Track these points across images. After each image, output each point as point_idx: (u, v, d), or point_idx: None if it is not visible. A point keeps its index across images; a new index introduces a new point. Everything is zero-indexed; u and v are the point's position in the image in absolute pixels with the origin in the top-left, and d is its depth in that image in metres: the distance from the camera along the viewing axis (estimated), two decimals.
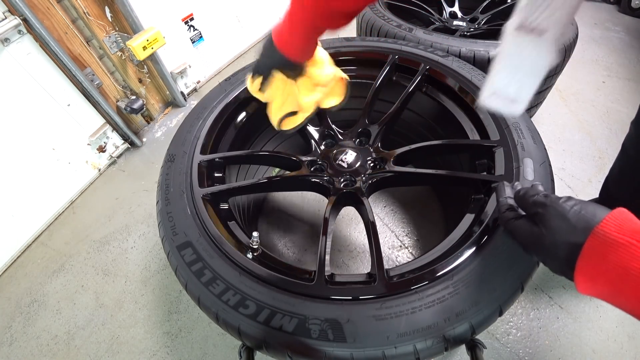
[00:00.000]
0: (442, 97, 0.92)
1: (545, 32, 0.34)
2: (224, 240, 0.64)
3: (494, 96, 0.42)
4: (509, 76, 0.39)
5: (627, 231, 0.34)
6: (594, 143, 1.43)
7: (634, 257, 0.33)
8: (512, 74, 0.39)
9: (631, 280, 0.33)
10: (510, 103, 0.41)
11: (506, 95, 0.40)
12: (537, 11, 0.34)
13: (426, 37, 1.12)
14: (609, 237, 0.35)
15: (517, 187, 0.51)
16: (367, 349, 0.49)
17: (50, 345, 1.05)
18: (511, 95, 0.40)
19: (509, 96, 0.40)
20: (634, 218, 0.36)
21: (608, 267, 0.34)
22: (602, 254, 0.35)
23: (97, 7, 1.30)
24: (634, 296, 0.33)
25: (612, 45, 1.91)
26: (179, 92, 1.75)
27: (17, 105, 1.17)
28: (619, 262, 0.34)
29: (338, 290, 0.56)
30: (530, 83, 0.39)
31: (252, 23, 2.06)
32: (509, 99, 0.41)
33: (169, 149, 0.82)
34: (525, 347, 0.93)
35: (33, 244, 1.32)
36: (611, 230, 0.35)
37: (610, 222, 0.36)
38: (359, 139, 0.88)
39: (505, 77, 0.40)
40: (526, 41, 0.36)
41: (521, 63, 0.37)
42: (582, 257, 0.36)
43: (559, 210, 0.40)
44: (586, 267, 0.36)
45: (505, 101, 0.41)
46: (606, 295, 0.36)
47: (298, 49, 0.64)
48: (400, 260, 1.11)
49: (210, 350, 0.99)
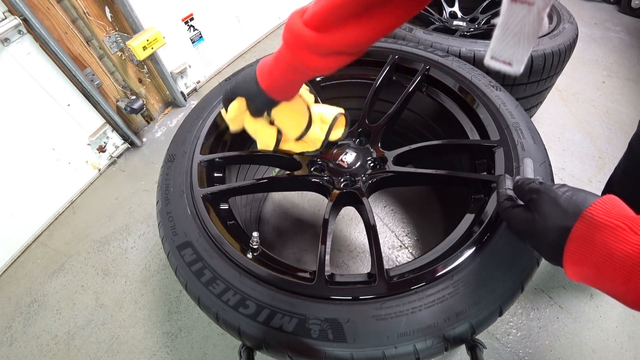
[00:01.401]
0: (442, 97, 0.92)
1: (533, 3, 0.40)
2: (224, 240, 0.64)
3: (494, 59, 0.47)
4: (505, 41, 0.44)
5: (615, 214, 0.35)
6: (594, 143, 1.43)
7: (619, 239, 0.34)
8: (508, 40, 0.44)
9: (615, 262, 0.34)
10: (508, 64, 0.46)
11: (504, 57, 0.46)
12: None
13: (426, 37, 1.12)
14: (596, 220, 0.35)
15: (517, 179, 0.52)
16: (367, 349, 0.49)
17: (50, 345, 1.05)
18: (507, 58, 0.46)
19: (507, 58, 0.46)
20: (622, 203, 0.37)
21: (594, 249, 0.35)
22: (589, 236, 0.36)
23: (97, 7, 1.30)
24: (616, 278, 0.34)
25: (612, 45, 1.91)
26: (179, 92, 1.75)
27: (17, 105, 1.17)
28: (605, 244, 0.34)
29: (338, 290, 0.56)
30: (523, 47, 0.44)
31: (252, 23, 2.06)
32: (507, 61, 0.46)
33: (169, 149, 0.82)
34: (525, 347, 0.93)
35: (33, 244, 1.32)
36: (599, 213, 0.36)
37: (599, 206, 0.36)
38: (359, 138, 0.88)
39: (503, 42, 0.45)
40: (519, 11, 0.41)
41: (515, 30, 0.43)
42: (570, 240, 0.37)
43: (551, 196, 0.41)
44: (574, 250, 0.37)
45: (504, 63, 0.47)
46: (591, 279, 0.37)
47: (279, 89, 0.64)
48: (400, 260, 1.11)
49: (210, 350, 0.99)
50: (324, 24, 0.51)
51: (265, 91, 0.63)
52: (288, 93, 0.67)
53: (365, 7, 0.49)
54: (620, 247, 0.33)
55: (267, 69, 0.62)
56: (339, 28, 0.51)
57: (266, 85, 0.63)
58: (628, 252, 0.33)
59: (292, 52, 0.56)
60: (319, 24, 0.51)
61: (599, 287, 0.37)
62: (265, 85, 0.63)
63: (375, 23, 0.51)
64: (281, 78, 0.61)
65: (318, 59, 0.54)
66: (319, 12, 0.51)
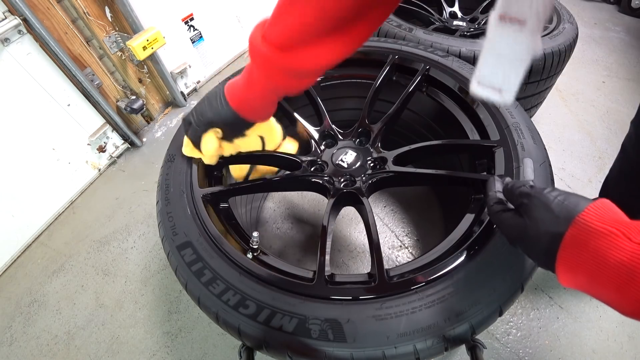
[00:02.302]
0: (442, 97, 0.92)
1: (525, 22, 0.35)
2: (224, 240, 0.64)
3: (480, 85, 0.43)
4: (494, 66, 0.40)
5: (608, 220, 0.34)
6: (594, 143, 1.43)
7: (613, 245, 0.33)
8: (496, 64, 0.40)
9: (608, 269, 0.33)
10: (497, 92, 0.42)
11: (492, 84, 0.41)
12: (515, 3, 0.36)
13: (426, 37, 1.12)
14: (589, 226, 0.34)
15: (507, 181, 0.51)
16: (367, 349, 0.49)
17: (50, 345, 1.05)
18: (497, 85, 0.41)
19: (495, 85, 0.41)
20: (615, 208, 0.36)
21: (587, 256, 0.34)
22: (582, 243, 0.35)
23: (97, 7, 1.30)
24: (610, 285, 0.33)
25: (612, 45, 1.91)
26: (179, 92, 1.75)
27: (17, 105, 1.17)
28: (598, 251, 0.33)
29: (338, 290, 0.56)
30: (515, 72, 0.39)
31: (252, 23, 2.05)
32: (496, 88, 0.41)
33: (169, 149, 0.82)
34: (525, 347, 0.93)
35: (33, 244, 1.32)
36: (592, 219, 0.35)
37: (591, 211, 0.35)
38: (359, 139, 0.88)
39: (491, 66, 0.41)
40: (508, 31, 0.37)
41: (505, 52, 0.38)
42: (563, 247, 0.36)
43: (542, 201, 0.40)
44: (567, 256, 0.36)
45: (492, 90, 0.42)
46: (585, 286, 0.36)
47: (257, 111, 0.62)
48: (400, 260, 1.11)
49: (210, 350, 0.99)
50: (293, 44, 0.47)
51: (240, 115, 0.61)
52: (265, 114, 0.65)
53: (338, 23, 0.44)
54: (614, 254, 0.32)
55: (240, 92, 0.59)
56: (310, 48, 0.47)
57: (242, 109, 0.61)
58: (622, 259, 0.32)
59: (265, 76, 0.52)
60: (285, 44, 0.47)
61: (592, 294, 0.36)
62: (241, 110, 0.61)
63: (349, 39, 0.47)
64: (257, 100, 0.59)
65: (295, 81, 0.51)
66: (285, 31, 0.46)
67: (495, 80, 0.41)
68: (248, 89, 0.57)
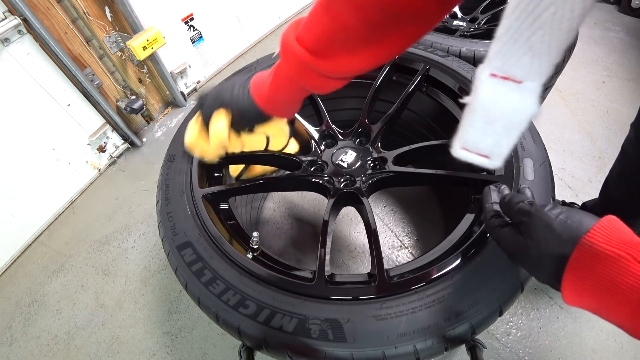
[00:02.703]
0: (442, 97, 0.92)
1: (523, 82, 0.28)
2: (224, 240, 0.64)
3: (464, 150, 0.36)
4: (482, 130, 0.33)
5: (616, 242, 0.32)
6: (594, 143, 1.43)
7: (623, 270, 0.31)
8: (485, 128, 0.32)
9: (619, 294, 0.31)
10: (483, 158, 0.35)
11: (479, 150, 0.34)
12: (512, 58, 0.28)
13: (426, 37, 1.12)
14: (596, 249, 0.33)
15: (503, 190, 0.49)
16: (367, 349, 0.49)
17: (50, 345, 1.05)
18: (484, 151, 0.34)
19: (482, 151, 0.34)
20: (623, 227, 0.34)
21: (595, 281, 0.32)
22: (589, 266, 0.33)
23: (97, 7, 1.30)
24: (621, 311, 0.32)
25: (612, 45, 1.91)
26: (179, 92, 1.75)
27: (17, 105, 1.17)
28: (607, 276, 0.32)
29: (338, 290, 0.56)
30: (507, 138, 0.33)
31: (252, 23, 2.06)
32: (482, 153, 0.35)
33: (169, 149, 0.82)
34: (525, 347, 0.93)
35: (33, 244, 1.32)
36: (599, 241, 0.33)
37: (597, 232, 0.33)
38: (359, 138, 0.88)
39: (478, 130, 0.33)
40: (502, 91, 0.29)
41: (496, 115, 0.31)
42: (569, 270, 0.34)
43: (544, 220, 0.37)
44: (573, 280, 0.34)
45: (478, 156, 0.35)
46: (594, 309, 0.35)
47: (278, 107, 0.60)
48: (400, 260, 1.11)
49: (210, 350, 0.99)
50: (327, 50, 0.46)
51: (260, 106, 0.60)
52: (287, 111, 0.64)
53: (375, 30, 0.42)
54: (625, 280, 0.30)
55: (265, 84, 0.58)
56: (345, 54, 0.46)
57: (263, 101, 0.60)
58: (633, 285, 0.30)
59: (296, 75, 0.51)
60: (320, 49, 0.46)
61: (602, 317, 0.35)
62: (261, 101, 0.60)
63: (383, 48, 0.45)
64: (282, 95, 0.58)
65: (326, 81, 0.50)
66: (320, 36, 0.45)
67: (483, 146, 0.34)
68: (276, 84, 0.57)
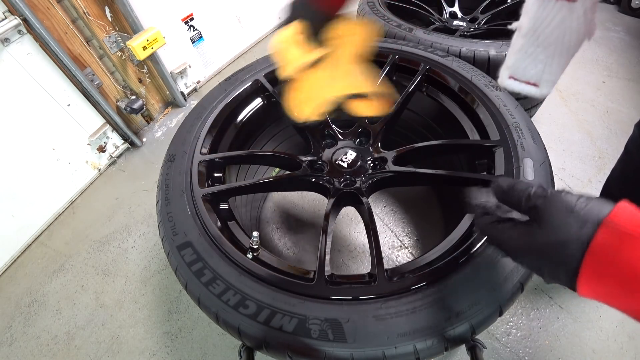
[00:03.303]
0: (442, 97, 0.92)
1: None
2: (224, 240, 0.64)
3: (514, 79, 0.34)
4: (533, 54, 0.31)
5: None
6: (594, 143, 1.43)
7: None
8: (537, 51, 0.31)
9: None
10: (532, 86, 0.34)
11: (528, 78, 0.33)
12: None
13: (426, 37, 1.12)
14: (621, 230, 0.30)
15: (490, 192, 0.45)
16: (367, 349, 0.49)
17: (50, 345, 1.05)
18: (534, 78, 0.33)
19: (532, 79, 0.33)
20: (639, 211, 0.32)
21: (620, 264, 0.30)
22: (614, 248, 0.30)
23: (97, 7, 1.30)
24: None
25: (612, 45, 1.91)
26: (179, 92, 1.75)
27: (17, 105, 1.17)
28: (634, 259, 0.29)
29: (338, 290, 0.56)
30: (558, 62, 0.31)
31: (252, 23, 2.06)
32: (531, 81, 0.33)
33: (169, 149, 0.82)
34: (525, 347, 0.93)
35: (33, 244, 1.32)
36: (623, 221, 0.30)
37: (621, 212, 0.31)
38: (359, 138, 0.88)
39: (529, 55, 0.32)
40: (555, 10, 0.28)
41: (549, 37, 0.30)
42: (590, 253, 0.31)
43: (564, 203, 0.34)
44: (594, 264, 0.32)
45: (526, 84, 0.34)
46: (613, 298, 0.32)
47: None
48: (400, 260, 1.11)
49: (210, 350, 0.99)
50: None
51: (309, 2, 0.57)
52: None
53: None
54: None
55: None
56: None
57: None
58: None
59: None
60: None
61: (621, 307, 0.32)
62: None
63: None
64: None
65: None
66: None
67: (533, 72, 0.32)
68: None
